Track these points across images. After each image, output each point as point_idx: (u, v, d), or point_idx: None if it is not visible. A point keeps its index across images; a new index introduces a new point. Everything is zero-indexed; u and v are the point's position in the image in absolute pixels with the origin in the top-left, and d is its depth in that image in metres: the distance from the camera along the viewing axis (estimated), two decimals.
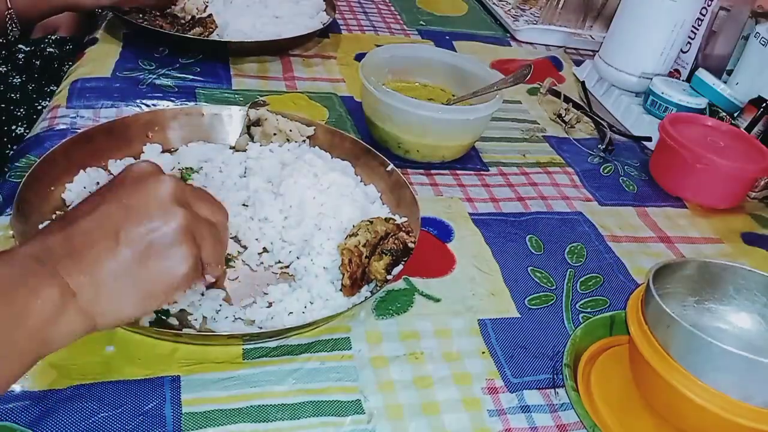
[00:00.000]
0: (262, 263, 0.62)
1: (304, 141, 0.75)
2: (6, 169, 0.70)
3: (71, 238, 0.41)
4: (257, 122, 0.75)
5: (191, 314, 0.55)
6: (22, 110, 1.05)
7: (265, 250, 0.63)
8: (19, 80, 1.08)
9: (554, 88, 1.02)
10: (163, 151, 0.72)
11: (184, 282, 0.44)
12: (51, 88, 1.08)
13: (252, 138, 0.75)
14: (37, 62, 1.12)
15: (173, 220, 0.43)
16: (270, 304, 0.57)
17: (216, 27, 0.95)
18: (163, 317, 0.54)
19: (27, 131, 0.99)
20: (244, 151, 0.73)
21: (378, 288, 0.59)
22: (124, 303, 0.42)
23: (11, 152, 0.88)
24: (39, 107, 1.05)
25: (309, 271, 0.60)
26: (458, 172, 0.82)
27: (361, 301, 0.58)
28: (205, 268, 0.46)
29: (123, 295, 0.42)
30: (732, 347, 0.45)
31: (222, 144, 0.75)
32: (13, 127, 1.03)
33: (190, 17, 0.98)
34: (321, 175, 0.67)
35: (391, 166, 0.71)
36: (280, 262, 0.63)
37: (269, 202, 0.65)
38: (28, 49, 1.13)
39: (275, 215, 0.64)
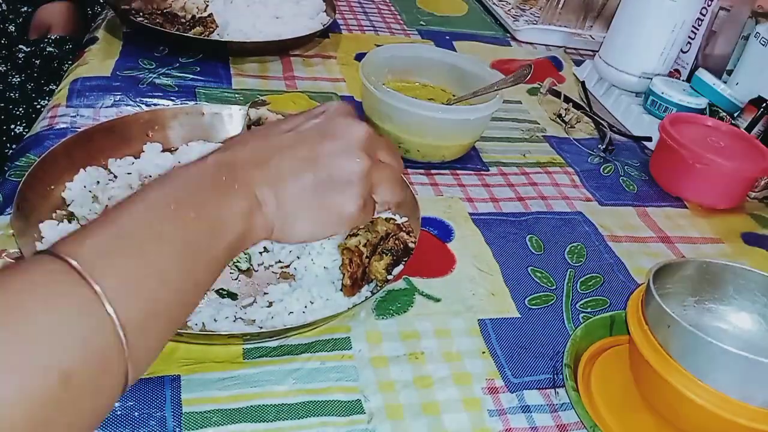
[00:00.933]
0: (262, 263, 0.62)
1: None
2: (6, 168, 0.70)
3: (262, 150, 0.44)
4: (258, 122, 0.75)
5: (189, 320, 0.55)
6: (21, 109, 1.05)
7: (265, 249, 0.63)
8: (18, 79, 1.08)
9: (554, 88, 1.02)
10: (163, 150, 0.72)
11: (350, 219, 0.47)
12: (51, 87, 1.08)
13: None
14: (37, 61, 1.12)
15: (357, 164, 0.46)
16: (270, 304, 0.57)
17: (216, 26, 0.95)
18: None
19: (26, 130, 0.99)
20: None
21: (378, 288, 0.59)
22: (299, 224, 0.45)
23: (11, 151, 0.88)
24: (38, 106, 1.05)
25: (309, 270, 0.60)
26: (458, 172, 0.82)
27: (362, 301, 0.58)
28: (375, 206, 0.50)
29: (299, 216, 0.45)
30: (732, 347, 0.45)
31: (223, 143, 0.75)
32: (12, 127, 1.03)
33: (190, 17, 0.98)
34: None
35: None
36: (280, 261, 0.62)
37: None
38: (28, 49, 1.13)
39: None
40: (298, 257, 0.61)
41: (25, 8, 1.20)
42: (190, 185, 0.40)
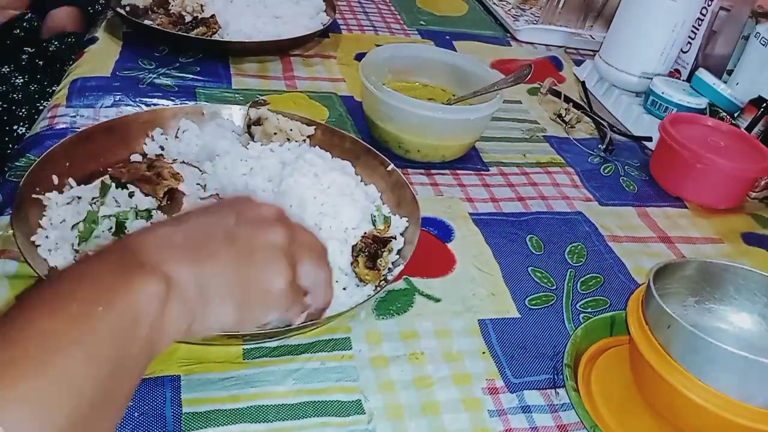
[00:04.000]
0: None
1: (304, 140, 0.75)
2: (6, 169, 0.70)
3: (171, 231, 0.39)
4: (258, 121, 0.75)
5: None
6: (24, 110, 1.05)
7: None
8: (21, 80, 1.08)
9: (554, 88, 1.02)
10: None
11: (279, 298, 0.42)
12: (53, 88, 1.08)
13: (252, 137, 0.75)
14: (41, 63, 1.12)
15: (275, 233, 0.42)
16: None
17: (219, 27, 0.95)
18: None
19: (29, 131, 0.99)
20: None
21: (378, 288, 0.59)
22: (222, 308, 0.40)
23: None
24: (41, 107, 1.05)
25: None
26: (458, 172, 0.82)
27: (362, 301, 0.58)
28: (305, 293, 0.45)
29: (222, 299, 0.39)
30: (732, 347, 0.45)
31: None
32: (15, 127, 1.03)
33: (192, 17, 0.98)
34: (321, 174, 0.67)
35: (391, 166, 0.71)
36: None
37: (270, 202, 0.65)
38: (32, 50, 1.13)
39: None
40: None
41: (29, 14, 1.20)
42: (92, 275, 0.35)
